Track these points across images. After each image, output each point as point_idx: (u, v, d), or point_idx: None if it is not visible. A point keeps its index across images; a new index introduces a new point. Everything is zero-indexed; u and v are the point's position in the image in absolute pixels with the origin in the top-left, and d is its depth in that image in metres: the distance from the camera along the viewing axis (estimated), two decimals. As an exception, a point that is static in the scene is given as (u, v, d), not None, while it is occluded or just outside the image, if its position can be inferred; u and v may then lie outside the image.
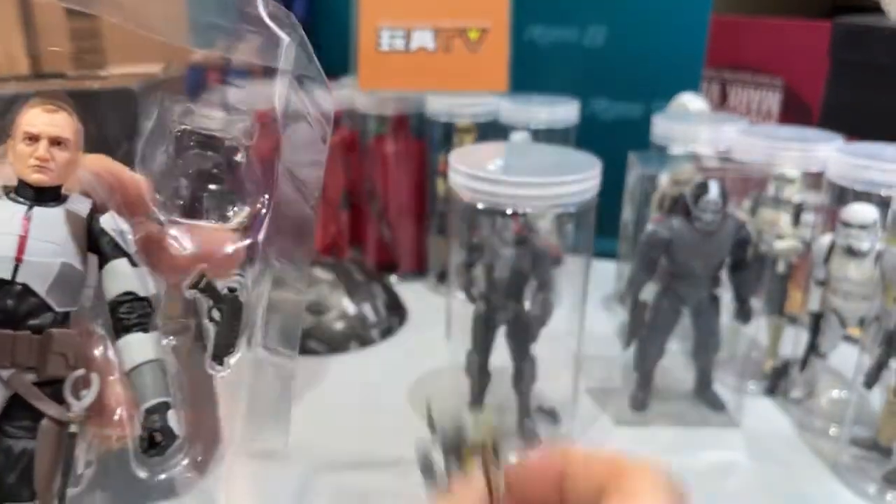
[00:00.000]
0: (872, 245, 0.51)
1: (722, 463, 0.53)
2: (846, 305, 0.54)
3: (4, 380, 0.22)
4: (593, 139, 0.62)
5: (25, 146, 0.22)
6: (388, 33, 0.72)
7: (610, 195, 0.52)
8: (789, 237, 0.59)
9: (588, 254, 0.51)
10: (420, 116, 0.77)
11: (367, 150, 0.81)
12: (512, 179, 0.46)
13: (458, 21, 0.72)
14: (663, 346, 0.57)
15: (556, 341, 0.53)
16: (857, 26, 0.78)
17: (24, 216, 0.22)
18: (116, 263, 0.23)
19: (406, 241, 0.82)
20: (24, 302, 0.22)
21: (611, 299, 0.76)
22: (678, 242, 0.52)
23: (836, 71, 0.80)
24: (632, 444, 0.55)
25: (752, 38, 0.99)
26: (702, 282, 0.54)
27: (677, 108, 0.75)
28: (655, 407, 0.59)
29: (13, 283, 0.22)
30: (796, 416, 0.58)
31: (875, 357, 0.49)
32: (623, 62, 0.80)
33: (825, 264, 0.54)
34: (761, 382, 0.62)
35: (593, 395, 0.60)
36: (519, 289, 0.50)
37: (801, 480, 0.51)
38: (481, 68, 0.72)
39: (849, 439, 0.52)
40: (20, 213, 0.22)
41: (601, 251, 0.83)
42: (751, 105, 1.00)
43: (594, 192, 0.48)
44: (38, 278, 0.22)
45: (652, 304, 0.56)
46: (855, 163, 0.52)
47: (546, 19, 0.82)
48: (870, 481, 0.50)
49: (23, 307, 0.22)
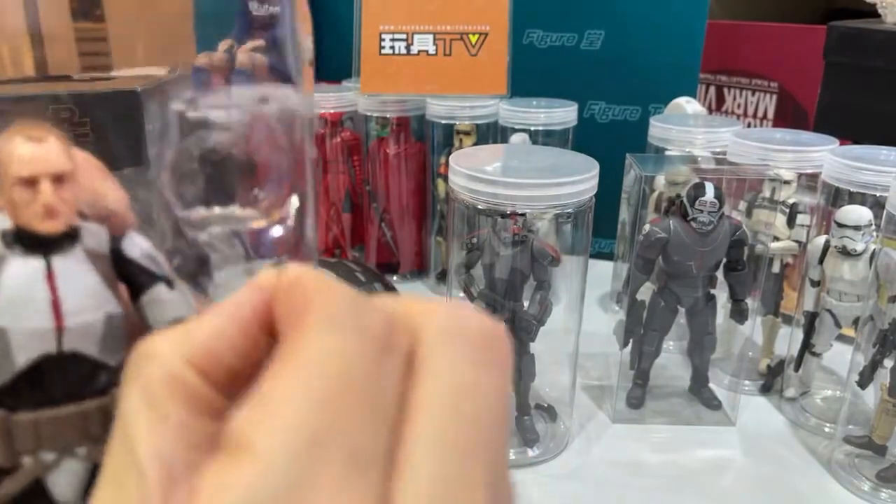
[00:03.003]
0: (866, 246, 0.52)
1: (717, 461, 0.53)
2: (840, 305, 0.55)
3: (83, 456, 0.20)
4: (591, 141, 0.63)
5: (23, 192, 0.18)
6: (389, 37, 0.73)
7: (607, 196, 0.53)
8: (784, 238, 0.60)
9: (586, 254, 0.52)
10: (421, 119, 0.78)
11: (368, 151, 0.81)
12: (511, 181, 0.46)
13: (458, 25, 0.72)
14: (660, 344, 0.58)
15: (554, 340, 0.53)
16: (852, 30, 0.79)
17: (46, 273, 0.19)
18: (155, 292, 0.21)
19: (407, 241, 0.82)
20: (79, 369, 0.19)
21: (608, 299, 0.77)
22: (675, 243, 0.53)
23: (830, 74, 0.81)
24: (628, 442, 0.55)
25: (748, 43, 0.99)
26: (698, 282, 0.55)
27: (674, 110, 0.76)
28: (651, 405, 0.59)
29: (62, 355, 0.19)
30: (791, 414, 0.59)
31: (869, 356, 0.50)
32: (620, 66, 0.81)
33: (820, 265, 0.54)
34: (756, 381, 0.63)
35: (590, 392, 0.61)
36: (518, 288, 0.51)
37: (795, 478, 0.52)
38: (481, 72, 0.73)
39: (843, 438, 0.52)
40: (40, 271, 0.19)
41: (599, 251, 0.84)
42: (747, 108, 1.01)
43: (592, 193, 0.49)
44: (86, 340, 0.19)
45: (648, 304, 0.57)
46: (849, 165, 0.52)
47: (545, 24, 0.82)
48: (864, 479, 0.50)
49: (79, 375, 0.20)
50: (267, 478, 0.13)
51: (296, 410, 0.13)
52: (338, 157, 0.83)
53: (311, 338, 0.14)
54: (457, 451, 0.14)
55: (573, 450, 0.54)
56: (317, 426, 0.13)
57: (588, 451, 0.54)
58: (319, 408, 0.13)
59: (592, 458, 0.53)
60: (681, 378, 0.61)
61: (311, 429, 0.13)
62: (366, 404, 0.14)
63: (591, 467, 0.52)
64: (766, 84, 0.98)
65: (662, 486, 0.51)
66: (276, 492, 0.13)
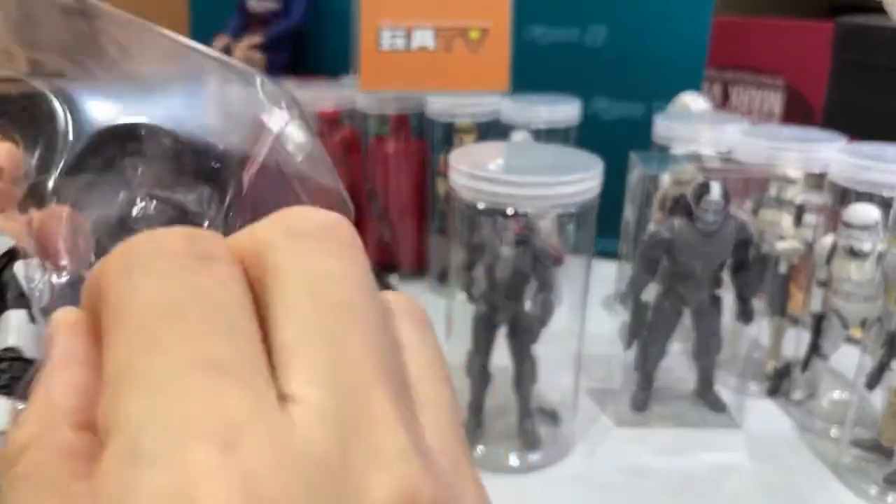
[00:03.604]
0: (874, 246, 0.51)
1: (723, 464, 0.53)
2: (848, 306, 0.54)
3: None
4: (594, 139, 0.62)
5: None
6: (388, 33, 0.72)
7: (611, 195, 0.52)
8: (791, 238, 0.59)
9: (589, 254, 0.51)
10: (421, 116, 0.77)
11: (367, 150, 0.81)
12: (513, 179, 0.46)
13: (459, 21, 0.72)
14: (664, 346, 0.57)
15: (556, 341, 0.53)
16: (859, 26, 0.78)
17: None
18: (12, 314, 0.20)
19: (407, 240, 0.82)
20: None
21: (612, 300, 0.76)
22: (680, 243, 0.52)
23: (838, 71, 0.80)
24: (632, 445, 0.55)
25: (754, 39, 0.99)
26: (703, 282, 0.54)
27: (679, 108, 0.75)
28: (656, 408, 0.58)
29: None
30: (797, 417, 0.58)
31: (877, 358, 0.49)
32: (624, 62, 0.80)
33: (827, 265, 0.54)
34: (763, 383, 0.62)
35: (594, 395, 0.60)
36: (519, 289, 0.50)
37: (802, 482, 0.51)
38: (482, 68, 0.72)
39: (850, 441, 0.52)
40: None
41: (602, 251, 0.83)
42: (753, 105, 1.00)
43: (595, 192, 0.48)
44: None
45: (653, 305, 0.56)
46: (857, 163, 0.52)
47: (547, 19, 0.81)
48: (871, 483, 0.50)
49: None
50: (138, 444, 0.12)
51: (130, 377, 0.13)
52: (336, 155, 0.82)
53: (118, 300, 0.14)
54: (333, 337, 0.14)
55: (576, 454, 0.53)
56: (161, 369, 0.13)
57: (591, 455, 0.53)
58: (154, 352, 0.13)
59: (596, 461, 0.53)
60: (686, 380, 0.60)
61: (155, 385, 0.13)
62: (202, 319, 0.13)
63: (594, 471, 0.52)
64: (772, 81, 0.97)
65: (667, 490, 0.50)
66: (153, 445, 0.12)
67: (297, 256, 0.15)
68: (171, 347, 0.13)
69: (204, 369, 0.13)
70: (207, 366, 0.13)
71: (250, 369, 0.13)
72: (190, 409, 0.12)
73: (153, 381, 0.13)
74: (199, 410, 0.12)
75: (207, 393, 0.12)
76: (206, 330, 0.13)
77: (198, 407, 0.12)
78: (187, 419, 0.12)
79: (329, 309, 0.14)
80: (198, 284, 0.14)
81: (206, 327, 0.13)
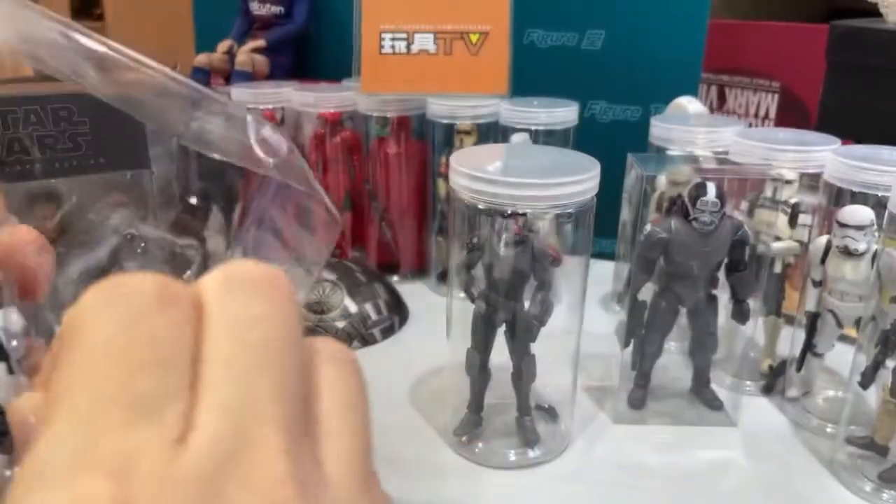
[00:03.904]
0: (869, 246, 0.52)
1: (719, 461, 0.53)
2: (842, 305, 0.54)
3: None
4: (592, 141, 0.63)
5: None
6: (389, 36, 0.72)
7: (608, 196, 0.53)
8: (786, 238, 0.60)
9: (587, 254, 0.52)
10: (421, 118, 0.78)
11: (368, 151, 0.81)
12: (512, 180, 0.46)
13: (459, 24, 0.72)
14: (661, 345, 0.58)
15: (555, 340, 0.53)
16: (854, 29, 0.78)
17: None
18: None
19: (407, 241, 0.82)
20: None
21: (609, 299, 0.77)
22: (676, 243, 0.53)
23: (832, 74, 0.80)
24: (629, 443, 0.55)
25: (750, 42, 0.99)
26: (699, 282, 0.55)
27: (675, 110, 0.75)
28: (653, 406, 0.59)
29: None
30: (793, 415, 0.59)
31: (871, 357, 0.50)
32: (622, 65, 0.81)
33: (822, 265, 0.54)
34: (758, 382, 0.63)
35: (591, 393, 0.61)
36: (518, 289, 0.51)
37: (797, 479, 0.51)
38: (482, 71, 0.73)
39: (845, 438, 0.52)
40: None
41: (600, 251, 0.84)
42: (749, 107, 1.01)
43: (593, 193, 0.48)
44: None
45: (650, 304, 0.57)
46: (852, 164, 0.52)
47: (546, 23, 0.82)
48: (866, 480, 0.50)
49: None
50: (56, 444, 0.14)
51: (60, 405, 0.15)
52: (338, 156, 0.83)
53: (79, 332, 0.16)
54: (245, 373, 0.16)
55: (574, 451, 0.54)
56: (86, 401, 0.14)
57: (589, 452, 0.54)
58: (86, 385, 0.15)
59: (593, 458, 0.53)
60: (682, 379, 0.61)
61: (76, 416, 0.14)
62: (144, 355, 0.15)
63: (592, 468, 0.52)
64: (767, 83, 0.98)
65: (664, 486, 0.50)
66: (66, 451, 0.14)
67: (227, 302, 0.17)
68: (102, 383, 0.15)
69: (124, 405, 0.14)
70: (129, 402, 0.14)
71: (168, 405, 0.15)
72: (98, 441, 0.14)
73: (75, 413, 0.14)
74: (105, 443, 0.14)
75: (116, 427, 0.14)
76: (142, 369, 0.15)
77: (105, 440, 0.14)
78: (89, 450, 0.14)
79: (246, 349, 0.16)
80: (153, 325, 0.16)
81: (143, 366, 0.15)
